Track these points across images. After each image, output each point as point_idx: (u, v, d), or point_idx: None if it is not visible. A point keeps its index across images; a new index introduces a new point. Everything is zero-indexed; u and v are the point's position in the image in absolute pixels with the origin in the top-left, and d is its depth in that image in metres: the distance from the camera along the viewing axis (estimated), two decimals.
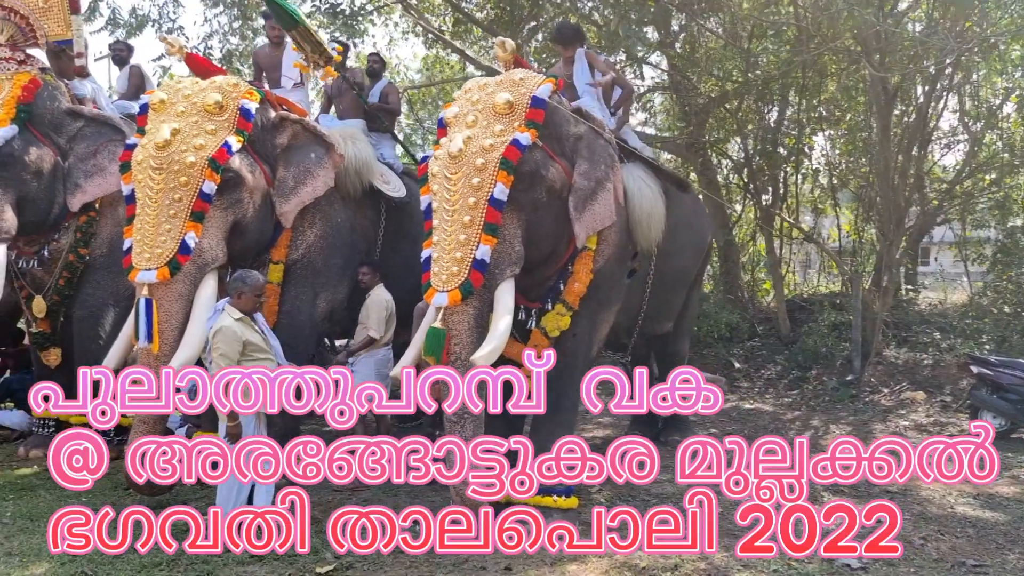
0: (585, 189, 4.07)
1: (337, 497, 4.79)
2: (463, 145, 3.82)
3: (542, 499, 4.16)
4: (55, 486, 4.94)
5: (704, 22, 9.32)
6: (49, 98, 5.30)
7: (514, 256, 3.86)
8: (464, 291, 3.66)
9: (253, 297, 4.03)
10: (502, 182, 3.74)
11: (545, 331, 4.30)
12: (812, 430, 6.68)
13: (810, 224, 12.23)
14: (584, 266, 4.28)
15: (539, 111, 3.94)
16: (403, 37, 12.44)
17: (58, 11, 5.18)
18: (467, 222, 3.72)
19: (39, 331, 5.69)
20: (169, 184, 4.26)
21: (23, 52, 5.24)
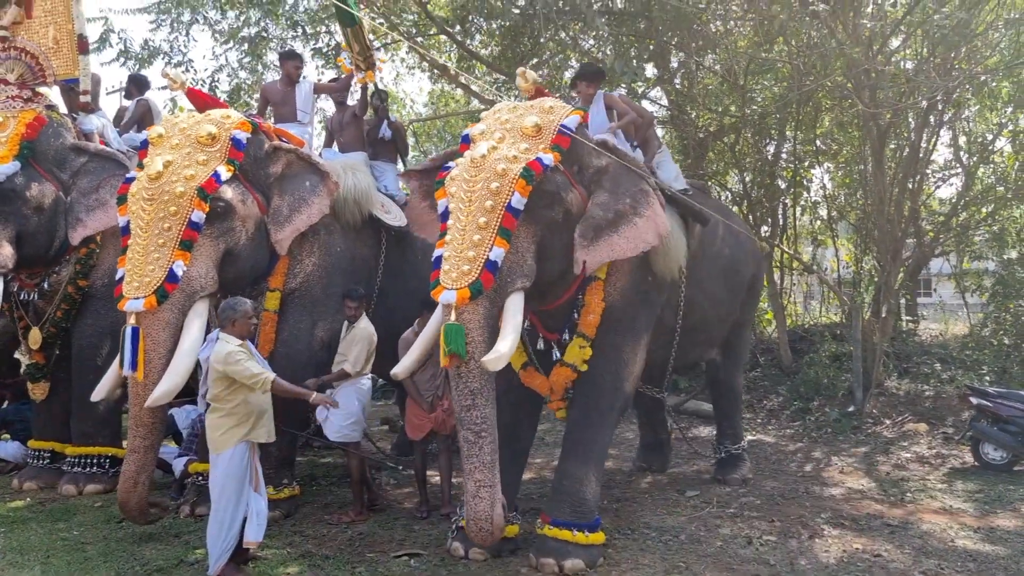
0: (598, 219, 4.04)
1: (332, 531, 4.74)
2: (487, 152, 3.84)
3: (560, 532, 4.09)
4: (48, 519, 4.93)
5: (701, 59, 9.48)
6: (54, 134, 5.41)
7: (526, 268, 3.82)
8: (474, 290, 3.60)
9: (245, 322, 4.05)
10: (520, 191, 3.73)
11: (574, 366, 4.29)
12: (814, 462, 6.62)
13: (810, 255, 12.26)
14: (595, 296, 4.27)
15: (565, 138, 3.98)
16: (409, 72, 12.67)
17: (67, 51, 5.33)
18: (483, 224, 3.68)
19: (32, 363, 5.72)
20: (159, 214, 4.33)
21: (31, 90, 5.37)
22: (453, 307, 3.61)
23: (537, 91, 4.64)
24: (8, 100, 5.24)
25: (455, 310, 3.62)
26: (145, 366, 4.23)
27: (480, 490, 3.59)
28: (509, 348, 3.62)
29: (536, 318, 4.42)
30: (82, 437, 5.64)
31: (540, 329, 4.43)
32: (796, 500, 5.43)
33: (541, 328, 4.41)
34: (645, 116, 5.45)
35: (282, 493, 5.02)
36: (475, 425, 3.62)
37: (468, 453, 3.64)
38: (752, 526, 4.81)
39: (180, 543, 4.49)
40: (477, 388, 3.63)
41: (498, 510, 3.63)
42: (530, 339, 4.48)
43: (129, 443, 4.35)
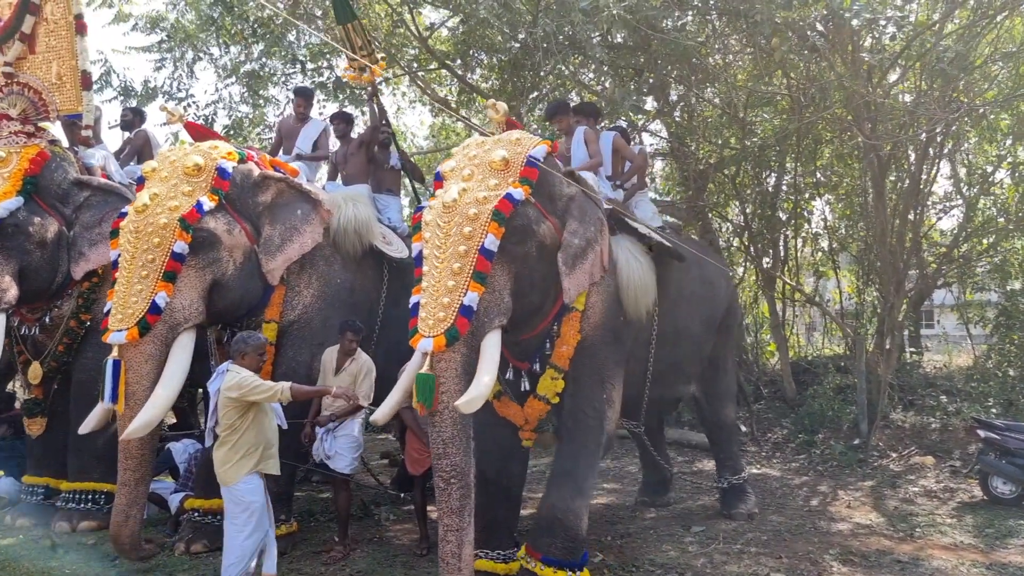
0: (575, 247, 4.09)
1: (330, 569, 4.64)
2: (457, 196, 3.85)
3: (553, 572, 4.03)
4: (40, 556, 4.84)
5: (701, 92, 9.58)
6: (56, 169, 5.42)
7: (503, 307, 3.83)
8: (450, 337, 3.60)
9: (256, 357, 4.06)
10: (493, 233, 3.74)
11: (545, 399, 4.26)
12: (820, 496, 6.51)
13: (812, 286, 12.24)
14: (571, 328, 4.25)
15: (533, 170, 4.00)
16: (411, 106, 12.83)
17: (70, 87, 5.35)
18: (456, 269, 3.70)
19: (31, 398, 5.67)
20: (143, 246, 4.36)
21: (34, 125, 5.39)
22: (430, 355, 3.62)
23: (509, 123, 4.66)
24: (11, 135, 5.27)
25: (431, 358, 3.62)
26: (128, 399, 4.23)
27: (448, 534, 3.60)
28: (483, 391, 3.60)
29: (506, 347, 4.34)
30: (78, 472, 5.56)
31: (509, 358, 4.36)
32: (803, 536, 5.33)
33: (510, 357, 4.36)
34: (635, 160, 5.63)
35: (280, 530, 4.90)
36: (444, 473, 3.62)
37: (438, 498, 3.67)
38: (759, 563, 4.71)
39: None
40: (448, 437, 3.61)
41: (466, 551, 3.60)
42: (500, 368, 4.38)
43: (119, 476, 4.32)
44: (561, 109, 5.69)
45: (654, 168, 11.97)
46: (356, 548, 4.99)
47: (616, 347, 4.49)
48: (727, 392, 6.23)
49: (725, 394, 6.18)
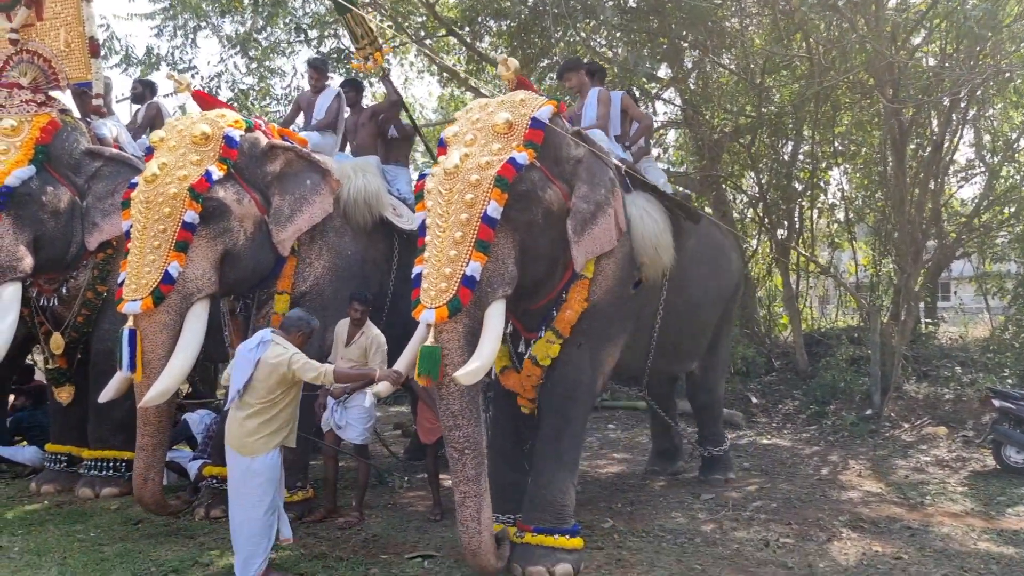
0: (584, 212, 3.95)
1: (346, 533, 4.73)
2: (459, 162, 3.76)
3: (546, 539, 4.01)
4: (65, 520, 4.97)
5: (716, 58, 9.41)
6: (68, 139, 5.42)
7: (507, 276, 3.75)
8: (452, 308, 3.55)
9: (307, 339, 4.09)
10: (496, 200, 3.65)
11: (535, 359, 4.18)
12: (830, 465, 6.52)
13: (827, 258, 12.12)
14: (578, 294, 4.14)
15: (538, 132, 3.88)
16: (419, 76, 12.69)
17: (79, 55, 5.32)
18: (458, 238, 3.62)
19: (55, 368, 5.75)
20: (154, 216, 4.37)
21: (44, 94, 5.37)
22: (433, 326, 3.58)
23: (520, 81, 4.43)
24: (22, 104, 5.25)
25: (434, 329, 3.58)
26: (144, 367, 4.30)
27: (466, 499, 3.62)
28: (485, 362, 3.56)
29: (516, 319, 4.32)
30: (98, 441, 5.67)
31: (520, 329, 4.32)
32: (813, 503, 5.35)
33: (521, 328, 4.31)
34: (643, 120, 5.52)
35: (295, 496, 5.01)
36: (458, 444, 3.63)
37: (453, 468, 3.68)
38: (769, 529, 4.75)
39: (195, 544, 4.50)
40: (458, 409, 3.60)
41: (485, 515, 3.63)
42: (512, 341, 4.40)
43: (138, 441, 4.43)
44: (573, 66, 5.45)
45: (667, 138, 11.84)
46: (371, 514, 5.07)
47: (622, 313, 4.39)
48: (722, 365, 6.23)
49: (720, 368, 6.17)
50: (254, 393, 3.86)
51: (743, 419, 8.29)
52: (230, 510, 3.93)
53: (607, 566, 4.12)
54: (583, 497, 5.60)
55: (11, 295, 4.94)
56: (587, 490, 5.85)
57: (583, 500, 5.51)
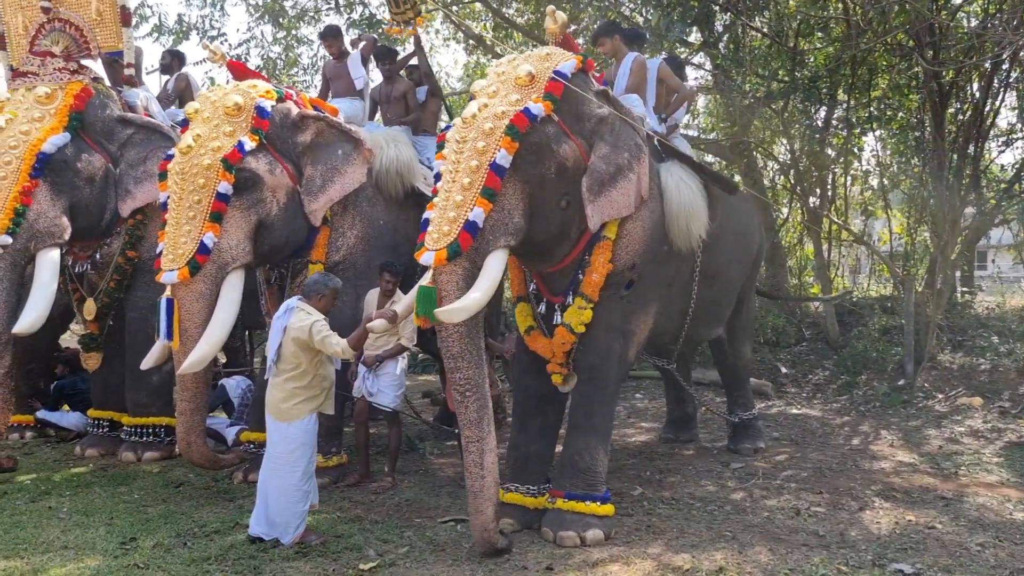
0: (602, 172, 3.90)
1: (380, 498, 4.83)
2: (477, 111, 3.76)
3: (577, 504, 4.02)
4: (109, 483, 5.14)
5: (749, 21, 9.17)
6: (100, 106, 5.46)
7: (511, 227, 3.71)
8: (451, 251, 3.53)
9: (331, 300, 4.11)
10: (506, 148, 3.63)
11: (570, 327, 4.14)
12: (861, 436, 6.48)
13: (860, 226, 11.89)
14: (601, 256, 4.08)
15: (558, 84, 3.82)
16: (444, 44, 12.58)
17: (110, 23, 5.33)
18: (466, 184, 3.61)
19: (87, 333, 5.87)
20: (189, 187, 4.44)
21: (77, 62, 5.40)
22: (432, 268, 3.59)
23: (566, 38, 4.32)
24: (55, 72, 5.27)
25: (433, 271, 3.59)
26: (182, 335, 4.41)
27: (469, 444, 3.64)
28: (469, 304, 3.52)
29: (541, 280, 4.32)
30: (137, 407, 5.79)
31: (544, 292, 4.30)
32: (844, 473, 5.33)
33: (545, 291, 4.29)
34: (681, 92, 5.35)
35: (331, 461, 5.13)
36: (459, 386, 3.63)
37: (457, 410, 3.72)
38: (800, 498, 4.74)
39: (235, 507, 4.62)
40: (457, 351, 3.60)
41: (488, 459, 3.63)
42: (535, 302, 4.39)
43: (178, 407, 4.59)
44: (607, 30, 5.27)
45: (697, 104, 11.61)
46: (403, 479, 5.17)
47: (655, 279, 4.34)
48: (747, 329, 6.19)
49: (745, 332, 6.13)
50: (284, 360, 3.94)
51: (772, 389, 8.25)
52: (262, 475, 4.01)
53: (637, 532, 4.15)
54: (612, 465, 5.61)
55: (52, 259, 5.05)
56: (616, 458, 5.85)
57: (612, 468, 5.50)
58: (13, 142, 4.94)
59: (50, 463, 5.75)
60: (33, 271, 5.11)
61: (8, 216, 4.80)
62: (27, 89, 5.22)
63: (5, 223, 4.79)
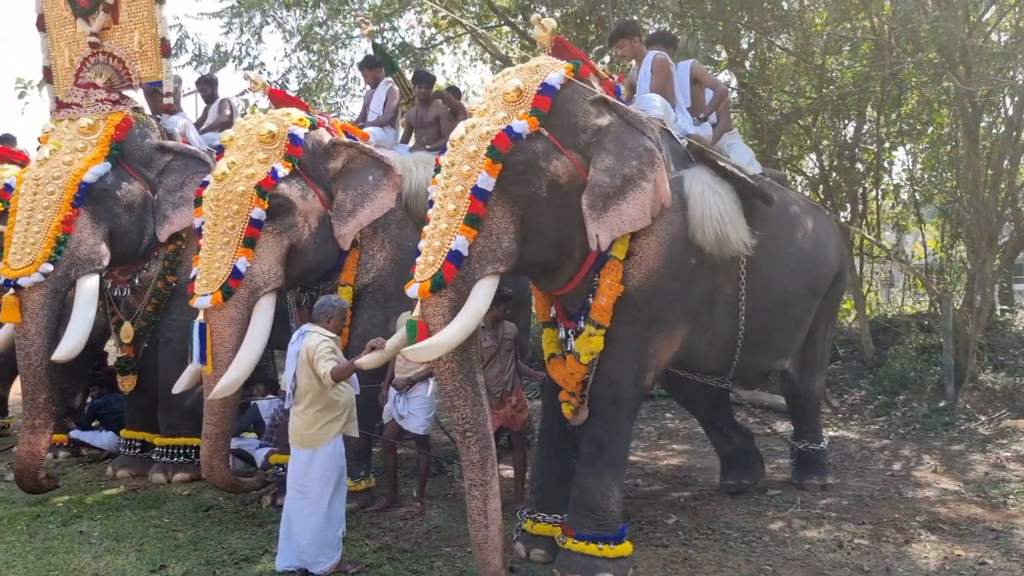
0: (605, 186, 3.62)
1: (408, 524, 4.78)
2: (464, 132, 3.62)
3: (587, 546, 3.81)
4: (140, 506, 5.15)
5: (774, 39, 9.10)
6: (140, 135, 5.59)
7: (499, 253, 3.53)
8: (434, 283, 3.40)
9: (339, 320, 4.11)
10: (487, 171, 3.46)
11: (578, 356, 3.89)
12: (902, 461, 6.29)
13: (892, 241, 11.67)
14: (611, 278, 3.82)
15: (546, 98, 3.60)
16: (471, 64, 12.68)
17: (151, 54, 5.49)
18: (451, 211, 3.47)
19: (123, 356, 5.97)
20: (223, 213, 4.50)
21: (118, 93, 5.55)
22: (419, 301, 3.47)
23: (557, 43, 4.07)
24: (98, 103, 5.43)
25: (420, 303, 3.47)
26: (213, 359, 4.43)
27: (472, 488, 3.48)
28: (445, 340, 3.35)
29: (558, 305, 4.16)
30: (169, 428, 5.87)
31: (560, 316, 4.12)
32: (886, 501, 5.17)
33: (562, 315, 4.11)
34: (717, 89, 5.01)
35: (359, 485, 5.09)
36: (458, 426, 3.50)
37: (460, 451, 3.57)
38: (841, 528, 4.60)
39: (264, 532, 4.61)
40: (452, 389, 3.47)
41: (492, 506, 3.49)
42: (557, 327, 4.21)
43: (203, 430, 4.59)
44: (624, 32, 4.94)
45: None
46: (431, 504, 5.11)
47: (680, 299, 4.01)
48: (820, 362, 5.66)
49: (818, 365, 5.60)
50: (301, 387, 3.93)
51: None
52: (286, 506, 3.97)
53: (673, 565, 4.05)
54: (643, 491, 5.55)
55: (91, 286, 5.16)
56: (648, 483, 5.78)
57: (644, 494, 5.46)
58: (57, 172, 5.09)
59: (82, 484, 5.81)
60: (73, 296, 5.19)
61: (50, 245, 4.93)
62: (71, 120, 5.38)
63: (47, 252, 4.91)
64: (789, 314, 4.86)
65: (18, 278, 4.83)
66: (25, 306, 4.86)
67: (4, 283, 4.89)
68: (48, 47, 5.75)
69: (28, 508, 5.09)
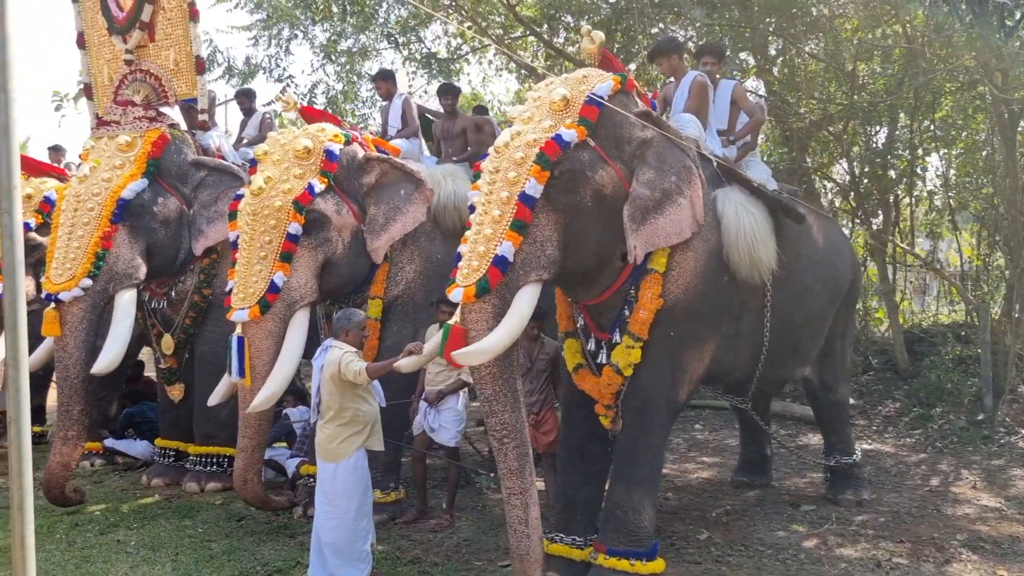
0: (645, 199, 3.67)
1: (438, 536, 4.79)
2: (509, 139, 3.63)
3: (619, 562, 3.78)
4: (175, 515, 5.23)
5: (803, 45, 9.00)
6: (176, 151, 5.70)
7: (543, 260, 3.52)
8: (479, 288, 3.37)
9: (358, 333, 4.13)
10: (535, 178, 3.47)
11: (617, 368, 3.91)
12: (940, 475, 6.15)
13: (926, 248, 11.44)
14: (650, 291, 3.84)
15: (593, 109, 3.62)
16: (497, 74, 12.74)
17: (187, 72, 5.60)
18: (496, 217, 3.47)
19: (167, 367, 6.08)
20: (260, 228, 4.57)
21: (155, 110, 5.67)
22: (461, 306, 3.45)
23: (604, 56, 4.09)
24: (135, 120, 5.55)
25: (463, 309, 3.42)
26: (251, 372, 4.48)
27: (512, 497, 3.44)
28: (493, 344, 3.33)
29: (588, 315, 4.14)
30: (204, 438, 5.95)
31: (591, 327, 4.11)
32: (925, 518, 5.06)
33: (592, 326, 4.10)
34: (754, 116, 5.05)
35: (389, 497, 5.12)
36: (496, 432, 3.46)
37: (496, 459, 3.52)
38: (878, 547, 4.51)
39: (296, 544, 4.64)
40: (491, 394, 3.44)
41: (532, 514, 3.46)
42: (584, 338, 4.21)
43: (239, 443, 4.65)
44: (665, 49, 4.90)
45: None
46: (460, 516, 5.11)
47: (712, 314, 4.08)
48: (842, 370, 5.68)
49: (840, 372, 5.63)
50: (325, 401, 3.95)
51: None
52: (315, 520, 4.00)
53: None
54: (674, 504, 5.50)
55: (128, 300, 5.27)
56: (678, 496, 5.73)
57: (674, 508, 5.41)
58: (96, 189, 5.22)
59: (118, 492, 5.90)
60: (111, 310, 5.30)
61: (90, 260, 5.04)
62: (110, 138, 5.51)
63: (87, 267, 5.03)
64: (809, 324, 4.93)
65: (59, 292, 4.95)
66: (65, 320, 4.98)
67: (46, 297, 5.03)
68: (88, 64, 5.91)
69: (67, 516, 5.19)
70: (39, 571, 4.05)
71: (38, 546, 4.45)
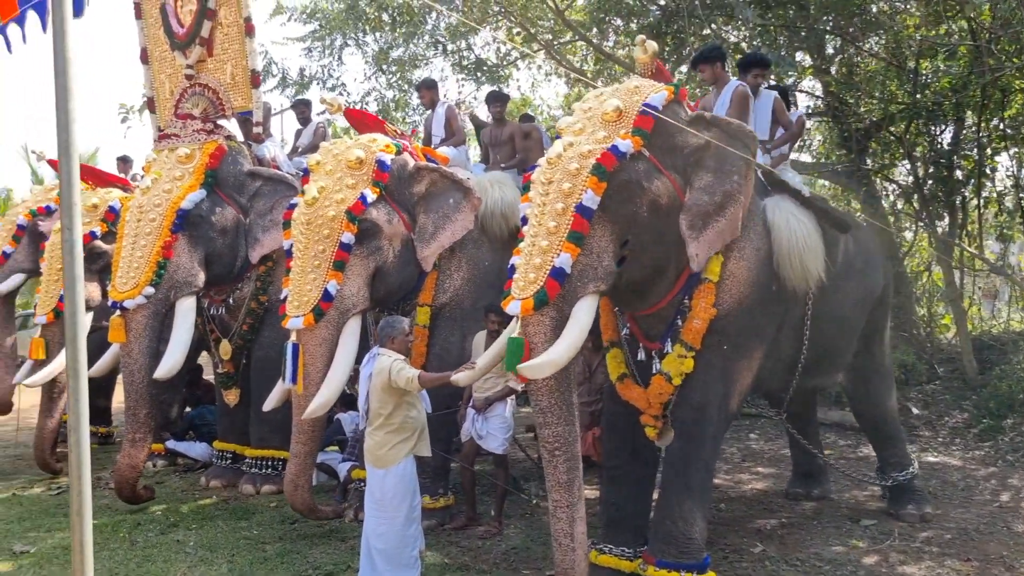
0: (705, 205, 3.65)
1: (486, 544, 4.79)
2: (562, 150, 3.61)
3: (668, 574, 3.75)
4: (231, 516, 5.37)
5: (862, 43, 8.72)
6: (232, 162, 5.89)
7: (601, 272, 3.50)
8: (537, 301, 3.36)
9: (404, 339, 4.18)
10: (592, 189, 3.45)
11: (668, 376, 3.87)
12: (1011, 491, 5.85)
13: (995, 252, 10.91)
14: (704, 300, 3.82)
15: (648, 119, 3.61)
16: (546, 79, 12.78)
17: (242, 86, 5.80)
18: (552, 228, 3.45)
19: (224, 371, 6.28)
20: (314, 237, 4.66)
21: (213, 123, 5.88)
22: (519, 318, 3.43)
23: (658, 67, 4.08)
24: (194, 133, 5.76)
25: (520, 321, 3.44)
26: (304, 379, 4.56)
27: (558, 510, 3.41)
28: (557, 356, 3.32)
29: (636, 325, 4.10)
30: (259, 441, 6.11)
31: (640, 337, 4.07)
32: (994, 536, 4.81)
33: (641, 336, 4.06)
34: (791, 127, 5.08)
35: (438, 503, 5.16)
36: (548, 443, 3.43)
37: (545, 471, 3.51)
38: (943, 565, 4.31)
39: (347, 548, 4.71)
40: (547, 406, 3.42)
41: (579, 529, 3.41)
42: (630, 348, 4.16)
43: (291, 448, 4.73)
44: (708, 56, 4.93)
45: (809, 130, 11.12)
46: (509, 523, 5.11)
47: (761, 323, 4.04)
48: (884, 377, 5.46)
49: (881, 379, 5.42)
50: (375, 407, 3.99)
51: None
52: (365, 526, 4.05)
53: None
54: (727, 516, 5.37)
55: (188, 307, 5.47)
56: (732, 508, 5.59)
57: (727, 519, 5.28)
58: (157, 200, 5.42)
59: (179, 493, 6.11)
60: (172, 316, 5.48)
61: (152, 269, 5.25)
62: (170, 150, 5.73)
63: (149, 275, 5.23)
64: (845, 333, 4.88)
65: (124, 300, 5.16)
66: (129, 327, 5.19)
67: (112, 305, 5.25)
68: (151, 79, 6.18)
69: (129, 516, 5.39)
70: (103, 569, 4.24)
71: (102, 544, 4.69)
